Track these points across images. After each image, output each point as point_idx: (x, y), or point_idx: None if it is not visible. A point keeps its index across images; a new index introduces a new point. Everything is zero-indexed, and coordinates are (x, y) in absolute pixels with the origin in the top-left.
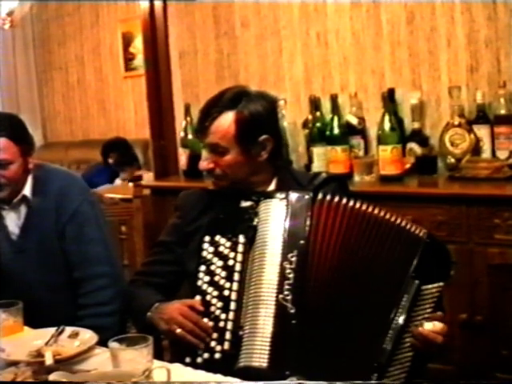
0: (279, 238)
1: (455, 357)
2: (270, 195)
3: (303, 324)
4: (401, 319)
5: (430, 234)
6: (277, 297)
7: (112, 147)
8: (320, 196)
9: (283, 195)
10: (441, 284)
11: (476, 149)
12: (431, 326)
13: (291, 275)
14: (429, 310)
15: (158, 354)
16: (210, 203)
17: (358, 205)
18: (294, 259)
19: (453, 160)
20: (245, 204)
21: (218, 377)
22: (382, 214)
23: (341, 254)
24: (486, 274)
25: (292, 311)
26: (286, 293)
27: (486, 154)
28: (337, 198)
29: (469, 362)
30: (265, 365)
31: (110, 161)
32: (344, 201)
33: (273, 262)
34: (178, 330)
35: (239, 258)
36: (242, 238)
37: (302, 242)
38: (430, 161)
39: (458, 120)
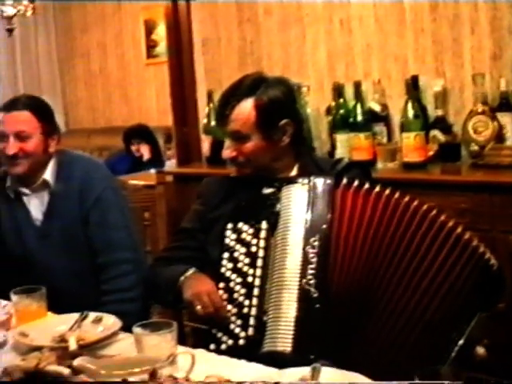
0: (301, 223)
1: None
2: (292, 180)
3: (327, 308)
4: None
5: (500, 267)
6: (300, 281)
7: (134, 134)
8: (345, 181)
9: (305, 180)
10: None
11: (499, 136)
12: (483, 352)
13: (314, 259)
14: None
15: (181, 340)
16: (232, 190)
17: (388, 192)
18: (316, 244)
19: (476, 147)
20: (267, 190)
21: (242, 362)
22: (427, 209)
23: (367, 240)
24: (509, 262)
25: (315, 295)
26: (309, 277)
27: (510, 141)
28: (366, 185)
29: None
30: (289, 349)
31: (133, 148)
32: (378, 188)
33: (295, 247)
34: (198, 307)
35: (262, 244)
36: (264, 224)
37: (324, 226)
38: (454, 148)
39: (481, 107)
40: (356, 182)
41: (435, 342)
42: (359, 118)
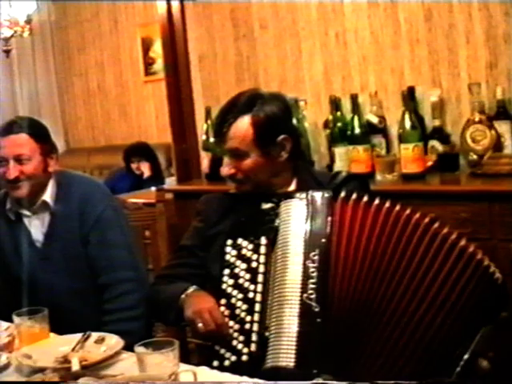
0: (301, 237)
1: None
2: (291, 195)
3: (328, 322)
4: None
5: (503, 280)
6: (301, 296)
7: (134, 152)
8: (343, 194)
9: (303, 195)
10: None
11: (497, 145)
12: (487, 365)
13: (314, 274)
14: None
15: (185, 357)
16: (231, 206)
17: (387, 204)
18: (316, 258)
19: (474, 157)
20: (266, 206)
21: (245, 379)
22: (429, 221)
23: (368, 254)
24: (510, 270)
25: (316, 310)
26: (310, 292)
27: (508, 149)
28: (365, 198)
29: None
30: (292, 364)
31: (133, 166)
32: (377, 201)
33: (295, 262)
34: (200, 325)
35: (262, 259)
36: (263, 240)
37: (323, 240)
38: (452, 158)
39: (478, 116)
40: (354, 195)
41: (439, 357)
42: (357, 130)
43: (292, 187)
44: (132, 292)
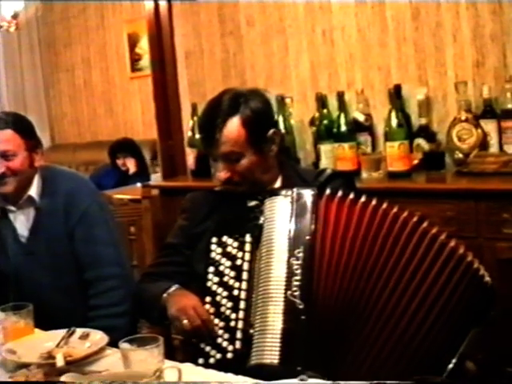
0: (285, 234)
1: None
2: (275, 192)
3: (313, 319)
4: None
5: (492, 283)
6: (285, 293)
7: (120, 148)
8: (328, 191)
9: (288, 192)
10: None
11: (483, 143)
12: (473, 367)
13: (299, 271)
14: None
15: (170, 354)
16: (217, 204)
17: (374, 202)
18: (300, 255)
19: (460, 155)
20: (251, 203)
21: (230, 376)
22: (417, 220)
23: (353, 250)
24: (496, 269)
25: (301, 307)
26: (294, 289)
27: (494, 148)
28: (350, 195)
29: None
30: (276, 361)
31: (118, 162)
32: (363, 198)
33: (280, 259)
34: (185, 321)
35: (247, 257)
36: (248, 237)
37: (308, 237)
38: (438, 156)
39: (464, 115)
40: (340, 193)
41: (428, 358)
42: (343, 128)
43: (278, 184)
44: (117, 288)
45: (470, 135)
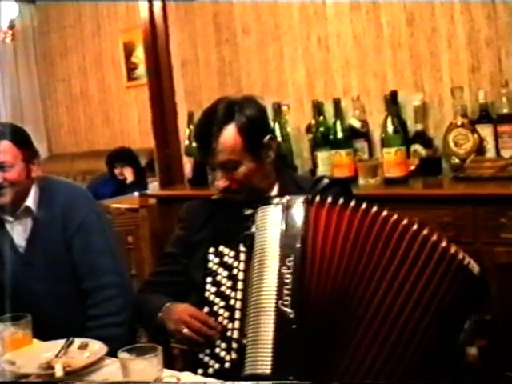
0: (276, 243)
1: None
2: (267, 201)
3: (304, 328)
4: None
5: (483, 271)
6: (276, 303)
7: (117, 157)
8: (317, 199)
9: (279, 200)
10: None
11: (480, 149)
12: (475, 352)
13: (289, 280)
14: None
15: (169, 363)
16: (213, 213)
17: (363, 207)
18: (291, 264)
19: (457, 160)
20: (247, 212)
21: None
22: (405, 222)
23: (343, 255)
24: (494, 274)
25: (292, 316)
26: (285, 298)
27: (490, 153)
28: (340, 201)
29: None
30: (268, 371)
31: (116, 171)
32: (352, 203)
33: (271, 269)
34: (185, 330)
35: (242, 266)
36: (242, 247)
37: (298, 245)
38: (435, 162)
39: (461, 120)
40: (329, 199)
41: (425, 356)
42: (339, 135)
43: (274, 191)
44: (116, 297)
45: (466, 140)
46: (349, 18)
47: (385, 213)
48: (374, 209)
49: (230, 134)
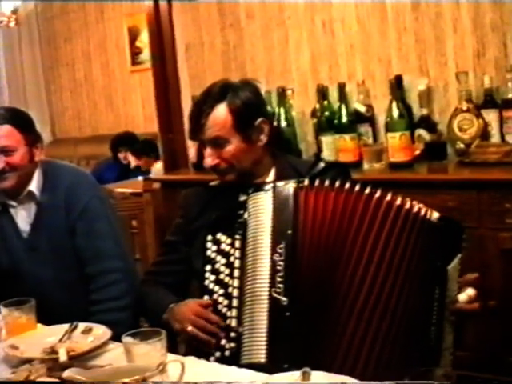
0: (268, 230)
1: (468, 342)
2: (258, 188)
3: (297, 315)
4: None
5: (442, 217)
6: (270, 291)
7: (121, 142)
8: (306, 183)
9: (269, 186)
10: (459, 256)
11: (485, 134)
12: (466, 297)
13: (282, 267)
14: (457, 285)
15: (173, 348)
16: (210, 200)
17: (347, 187)
18: (282, 251)
19: (462, 145)
20: (242, 198)
21: (233, 369)
22: (379, 195)
23: (331, 239)
24: (498, 259)
25: (285, 303)
26: (278, 286)
27: (495, 138)
28: (326, 183)
29: (482, 347)
30: (263, 360)
31: (120, 156)
32: (336, 184)
33: (264, 256)
34: (190, 328)
35: (237, 254)
36: (237, 235)
37: (289, 231)
38: (439, 147)
39: (465, 105)
40: (319, 182)
41: (412, 317)
42: (344, 119)
43: (271, 176)
44: (119, 282)
45: (471, 125)
46: (354, 3)
47: (367, 190)
48: (357, 187)
49: (220, 112)
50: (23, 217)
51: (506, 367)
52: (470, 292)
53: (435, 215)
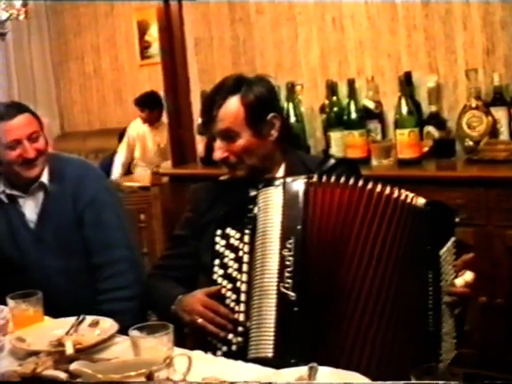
0: (277, 225)
1: (476, 340)
2: (269, 183)
3: (305, 310)
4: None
5: (428, 202)
6: (278, 286)
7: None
8: (315, 178)
9: (280, 182)
10: (453, 239)
11: (493, 131)
12: (462, 282)
13: (290, 262)
14: (453, 269)
15: (180, 342)
16: (220, 195)
17: (351, 183)
18: (291, 246)
19: (471, 143)
20: (253, 193)
21: (240, 363)
22: (375, 187)
23: (337, 234)
24: (506, 256)
25: (293, 298)
26: (286, 281)
27: (504, 136)
28: (332, 179)
29: (489, 344)
30: (270, 355)
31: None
32: (341, 180)
33: (273, 251)
34: (199, 320)
35: (246, 248)
36: (246, 229)
37: (299, 227)
38: (448, 144)
39: (475, 102)
40: (326, 178)
41: (413, 320)
42: (353, 115)
43: (281, 172)
44: (126, 272)
45: (480, 123)
46: None
47: (370, 185)
48: (360, 182)
49: (233, 104)
50: (31, 207)
51: None
52: (467, 277)
53: (421, 201)
